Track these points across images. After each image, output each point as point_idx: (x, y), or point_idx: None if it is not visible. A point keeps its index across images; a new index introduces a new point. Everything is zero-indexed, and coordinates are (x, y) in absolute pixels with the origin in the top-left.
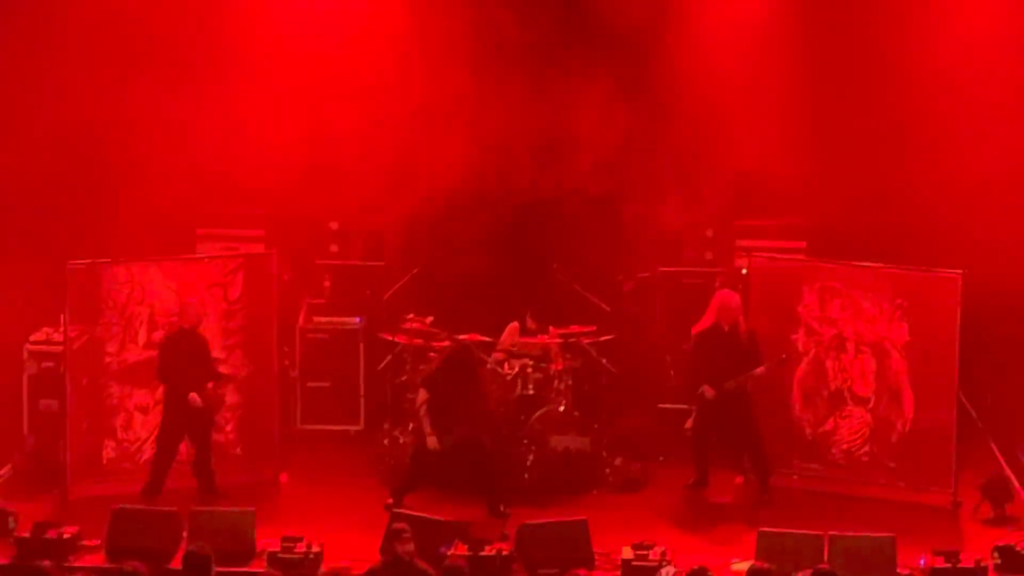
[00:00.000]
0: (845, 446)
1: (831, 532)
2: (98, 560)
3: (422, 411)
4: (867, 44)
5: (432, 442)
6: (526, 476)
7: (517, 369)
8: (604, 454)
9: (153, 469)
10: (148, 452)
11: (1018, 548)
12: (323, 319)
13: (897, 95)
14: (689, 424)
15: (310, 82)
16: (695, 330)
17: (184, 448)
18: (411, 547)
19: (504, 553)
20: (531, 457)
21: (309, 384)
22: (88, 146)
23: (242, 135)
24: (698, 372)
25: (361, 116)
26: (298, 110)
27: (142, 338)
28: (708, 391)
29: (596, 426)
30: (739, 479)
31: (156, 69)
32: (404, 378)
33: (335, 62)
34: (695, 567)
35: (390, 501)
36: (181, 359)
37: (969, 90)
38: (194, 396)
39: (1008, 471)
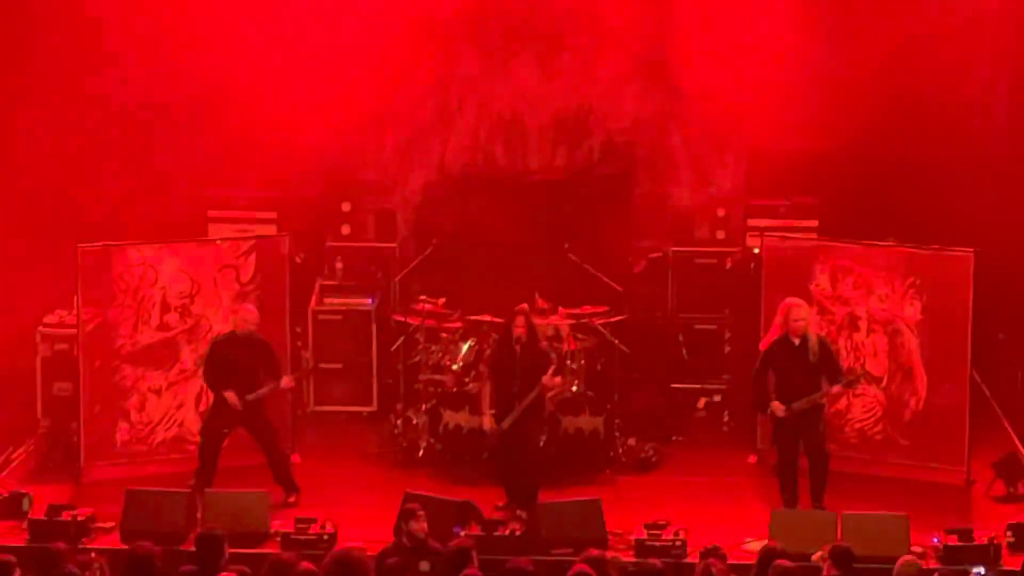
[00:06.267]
0: (858, 425)
1: (844, 511)
2: (112, 542)
3: (484, 388)
4: (879, 21)
5: (487, 422)
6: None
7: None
8: (617, 434)
9: (199, 461)
10: (161, 434)
11: None
12: (335, 300)
13: (909, 72)
14: (702, 404)
15: (321, 64)
16: (763, 345)
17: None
18: (423, 525)
19: (518, 533)
20: (544, 437)
21: (321, 365)
22: (99, 129)
23: (253, 117)
24: (761, 392)
25: (373, 97)
26: (309, 92)
27: (155, 320)
28: (778, 407)
29: (609, 406)
30: (752, 458)
31: (162, 52)
32: (416, 359)
33: (346, 43)
34: (707, 546)
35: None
36: (229, 363)
37: (982, 67)
38: (231, 395)
39: (1021, 449)
